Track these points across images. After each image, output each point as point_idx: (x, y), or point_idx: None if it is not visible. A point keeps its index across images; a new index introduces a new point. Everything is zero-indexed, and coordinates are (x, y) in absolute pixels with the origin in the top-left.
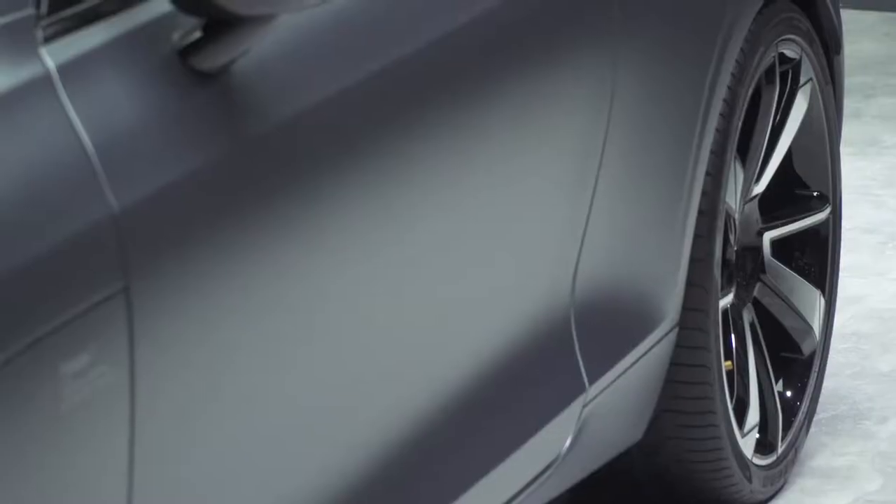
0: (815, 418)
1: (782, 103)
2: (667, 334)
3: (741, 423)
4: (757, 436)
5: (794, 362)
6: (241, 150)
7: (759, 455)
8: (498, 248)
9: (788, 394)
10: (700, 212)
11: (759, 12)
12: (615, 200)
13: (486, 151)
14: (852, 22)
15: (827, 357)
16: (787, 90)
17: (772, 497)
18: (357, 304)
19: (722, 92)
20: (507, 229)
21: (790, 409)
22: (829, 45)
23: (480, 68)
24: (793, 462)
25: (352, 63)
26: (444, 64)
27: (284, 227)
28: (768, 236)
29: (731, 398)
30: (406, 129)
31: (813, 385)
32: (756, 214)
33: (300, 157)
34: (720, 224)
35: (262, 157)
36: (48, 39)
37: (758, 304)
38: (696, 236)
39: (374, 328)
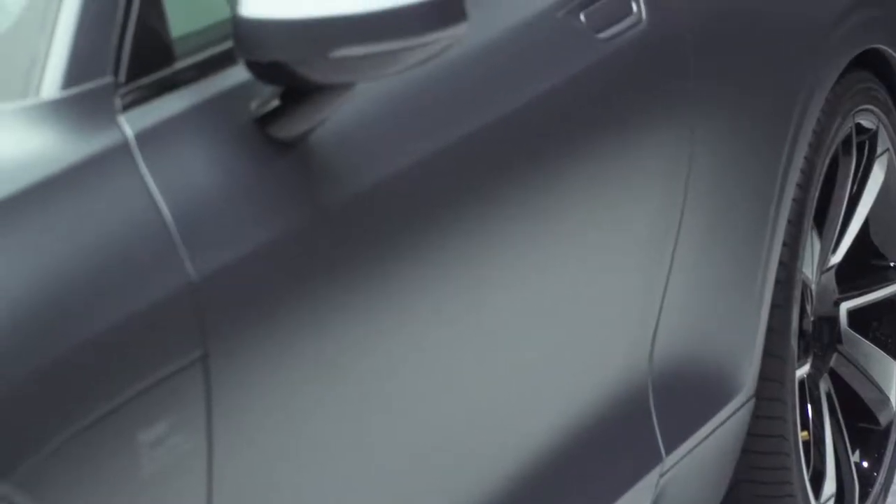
0: (892, 488)
1: (859, 174)
2: (744, 404)
3: (818, 493)
4: None
5: (871, 433)
6: (320, 219)
7: None
8: (577, 317)
9: (865, 464)
10: (777, 282)
11: (837, 82)
12: (693, 270)
13: (564, 221)
14: None
15: None
16: (864, 160)
17: None
18: (434, 371)
19: (799, 162)
20: (586, 299)
21: (867, 480)
22: None
23: (559, 139)
24: None
25: (430, 132)
26: (522, 134)
27: (362, 295)
28: (845, 306)
29: (808, 468)
30: (485, 197)
31: (890, 455)
32: (833, 284)
33: (379, 226)
34: (797, 294)
35: (340, 225)
36: (126, 107)
37: (834, 375)
38: (773, 306)
39: (451, 396)
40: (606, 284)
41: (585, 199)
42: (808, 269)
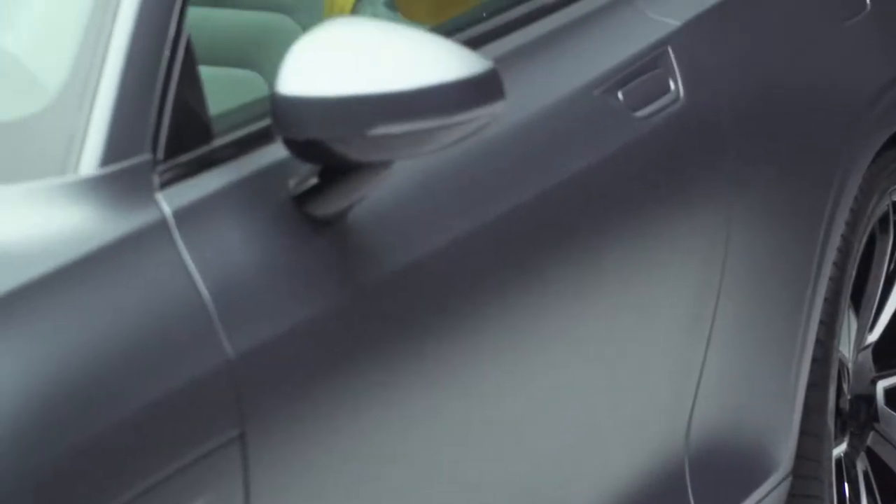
0: None
1: None
2: (780, 483)
3: None
4: None
5: None
6: (357, 298)
7: None
8: (614, 394)
9: None
10: (814, 360)
11: (873, 161)
12: (730, 349)
13: (602, 300)
14: None
15: None
16: None
17: None
18: (472, 450)
19: (836, 241)
20: (623, 376)
21: None
22: None
23: (596, 217)
24: None
25: (467, 211)
26: (559, 213)
27: (399, 374)
28: (882, 385)
29: None
30: (522, 276)
31: None
32: (869, 363)
33: (416, 305)
34: (834, 372)
35: (377, 304)
36: (164, 185)
37: (871, 454)
38: (810, 385)
39: (488, 473)
40: (644, 361)
41: (623, 277)
42: (845, 348)
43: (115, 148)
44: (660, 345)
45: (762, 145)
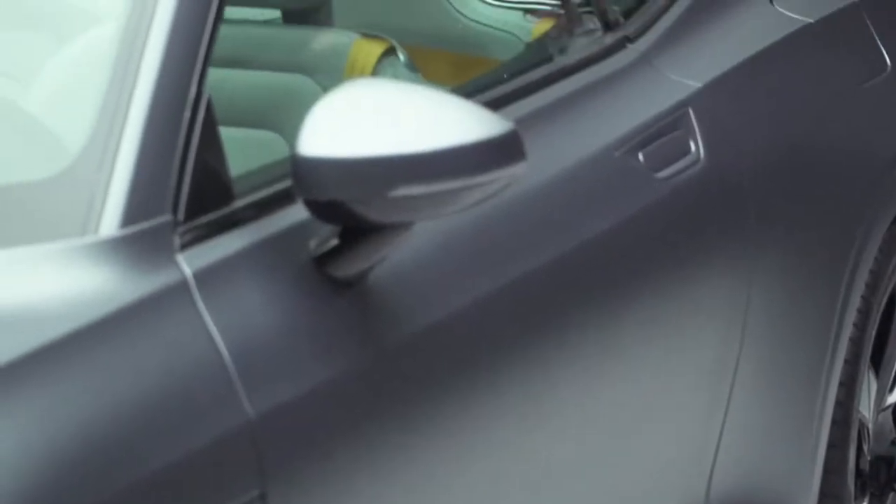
0: None
1: None
2: None
3: None
4: None
5: None
6: (378, 359)
7: None
8: (634, 455)
9: None
10: (833, 421)
11: (893, 222)
12: (749, 411)
13: (621, 362)
14: None
15: None
16: None
17: None
18: None
19: (856, 302)
20: (644, 437)
21: None
22: None
23: (616, 279)
24: None
25: (487, 272)
26: (580, 274)
27: (420, 435)
28: None
29: None
30: (542, 338)
31: None
32: (890, 424)
33: (436, 366)
34: (854, 433)
35: (398, 365)
36: (185, 246)
37: None
38: (830, 446)
39: None
40: (664, 422)
41: (643, 339)
42: (865, 409)
43: (135, 209)
44: (680, 406)
45: (783, 207)
